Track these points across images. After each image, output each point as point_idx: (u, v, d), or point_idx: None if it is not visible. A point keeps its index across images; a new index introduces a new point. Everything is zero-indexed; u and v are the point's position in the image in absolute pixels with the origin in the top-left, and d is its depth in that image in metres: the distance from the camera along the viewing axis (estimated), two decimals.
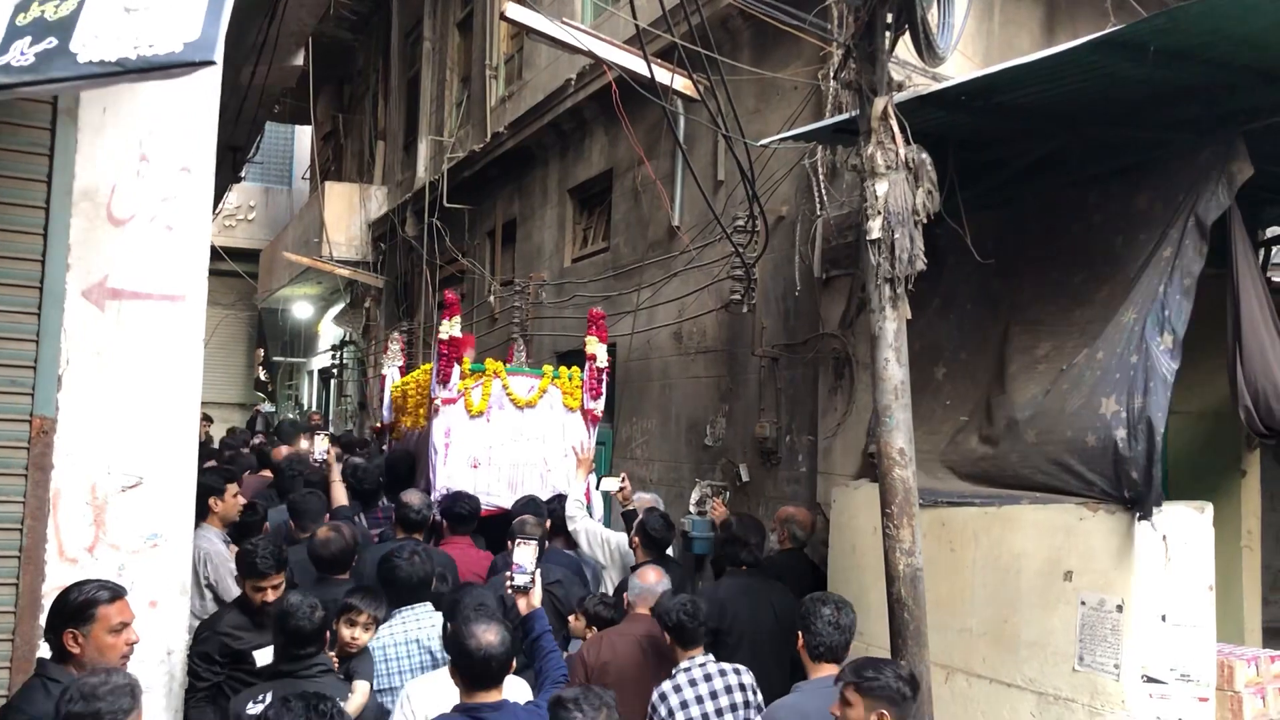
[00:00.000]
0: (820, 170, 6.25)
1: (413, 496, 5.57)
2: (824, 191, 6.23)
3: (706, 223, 7.31)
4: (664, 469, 7.99)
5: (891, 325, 4.08)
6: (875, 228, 4.02)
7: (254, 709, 3.65)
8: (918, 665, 3.95)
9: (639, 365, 8.48)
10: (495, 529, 5.82)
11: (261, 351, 21.98)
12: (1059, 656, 4.04)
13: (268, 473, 8.10)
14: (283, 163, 23.08)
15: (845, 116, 4.74)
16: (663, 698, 3.94)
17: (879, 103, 4.05)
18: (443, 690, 3.53)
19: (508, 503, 6.13)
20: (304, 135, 21.52)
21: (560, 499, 6.12)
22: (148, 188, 4.11)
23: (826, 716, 3.31)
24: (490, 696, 3.34)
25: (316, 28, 8.09)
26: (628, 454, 8.56)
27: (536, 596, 4.03)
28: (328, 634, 3.94)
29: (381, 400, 8.09)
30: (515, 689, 3.58)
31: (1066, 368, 4.33)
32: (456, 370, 6.17)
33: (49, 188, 3.94)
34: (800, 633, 3.87)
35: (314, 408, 21.52)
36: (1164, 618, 3.83)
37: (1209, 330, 4.56)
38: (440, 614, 4.25)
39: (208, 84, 4.17)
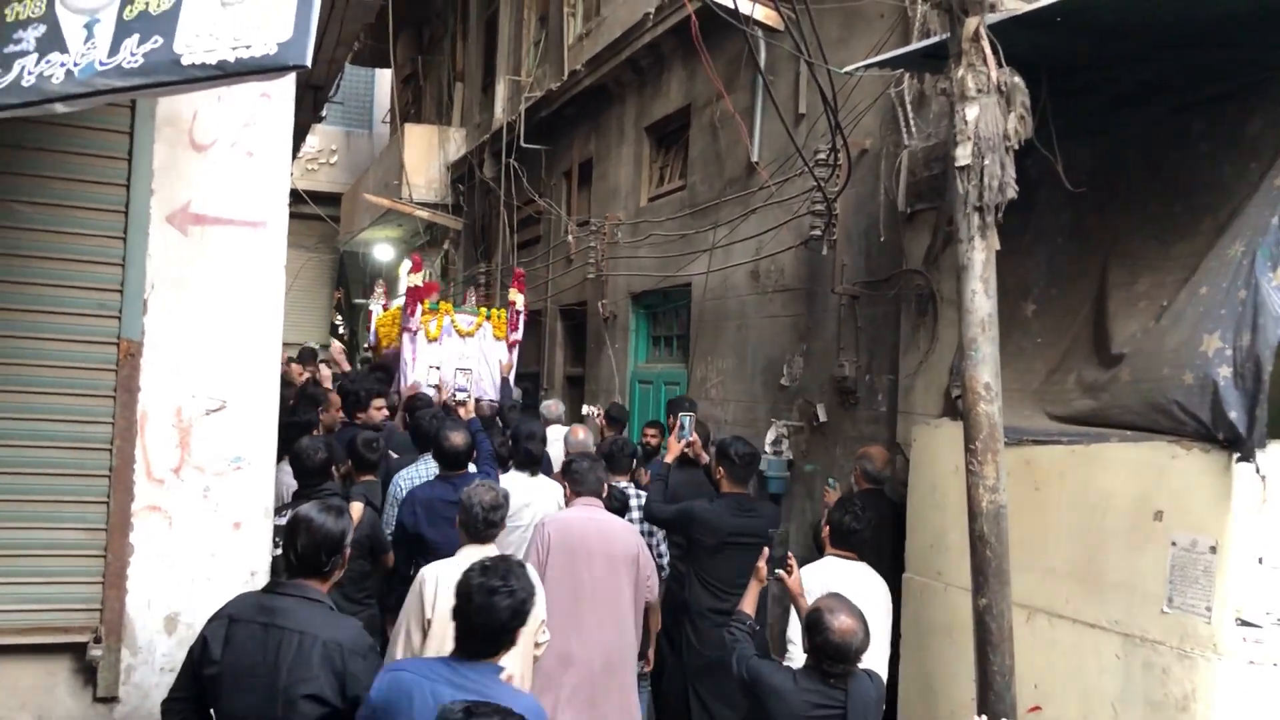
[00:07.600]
0: (906, 100, 6.05)
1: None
2: (910, 123, 6.03)
3: (786, 157, 7.15)
4: (739, 409, 7.93)
5: (980, 256, 3.95)
6: (964, 154, 3.88)
7: (280, 520, 4.64)
8: (999, 604, 3.88)
9: (714, 305, 8.39)
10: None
11: (339, 295, 22.22)
12: (1147, 598, 3.92)
13: None
14: (363, 106, 23.21)
15: (934, 40, 4.57)
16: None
17: (971, 22, 3.89)
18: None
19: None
20: (384, 79, 21.61)
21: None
22: (228, 113, 4.13)
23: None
24: (459, 473, 5.24)
25: None
26: (703, 394, 8.50)
27: (471, 409, 6.78)
28: (334, 468, 5.27)
29: (369, 329, 10.56)
30: None
31: (1169, 304, 4.14)
32: (419, 309, 8.66)
33: (133, 113, 3.99)
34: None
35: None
36: (1261, 560, 3.68)
37: None
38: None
39: None
